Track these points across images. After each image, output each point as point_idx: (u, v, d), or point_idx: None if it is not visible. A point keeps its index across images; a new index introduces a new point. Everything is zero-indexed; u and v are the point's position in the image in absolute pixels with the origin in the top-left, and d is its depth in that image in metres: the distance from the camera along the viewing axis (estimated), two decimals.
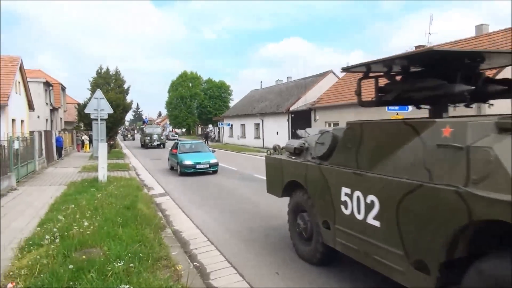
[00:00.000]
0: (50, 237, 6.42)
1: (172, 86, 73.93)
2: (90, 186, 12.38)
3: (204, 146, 20.00)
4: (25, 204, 10.64)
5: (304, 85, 36.61)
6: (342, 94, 26.39)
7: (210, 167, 17.33)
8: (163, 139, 41.22)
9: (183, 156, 17.76)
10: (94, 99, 14.77)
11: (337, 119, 25.93)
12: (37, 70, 39.75)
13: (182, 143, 19.59)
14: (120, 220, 7.60)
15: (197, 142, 21.44)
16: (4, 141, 14.38)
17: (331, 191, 5.15)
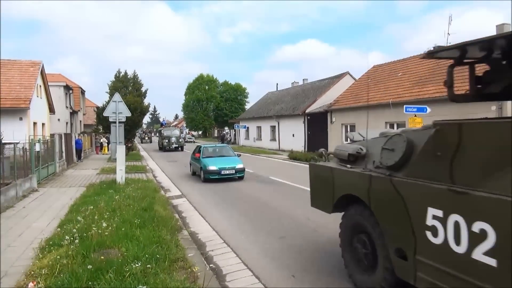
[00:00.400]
0: (69, 237, 6.53)
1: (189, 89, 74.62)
2: (109, 188, 12.56)
3: (229, 150, 18.40)
4: (45, 205, 10.87)
5: (320, 87, 36.41)
6: (359, 96, 26.17)
7: (236, 172, 16.02)
8: (181, 142, 39.83)
9: (207, 161, 16.40)
10: (112, 102, 15.00)
11: (354, 121, 25.74)
12: (57, 74, 40.59)
13: (205, 147, 18.22)
14: (137, 222, 7.69)
15: (221, 145, 19.82)
16: (26, 144, 14.71)
17: (410, 211, 4.04)
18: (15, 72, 23.99)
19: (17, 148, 13.17)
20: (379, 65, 29.21)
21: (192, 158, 18.50)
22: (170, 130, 41.05)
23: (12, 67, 24.38)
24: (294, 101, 38.00)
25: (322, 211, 6.20)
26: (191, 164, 18.77)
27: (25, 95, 22.23)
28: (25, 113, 22.05)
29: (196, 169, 17.60)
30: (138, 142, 61.56)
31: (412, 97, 20.54)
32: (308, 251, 6.90)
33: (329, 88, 33.83)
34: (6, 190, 10.95)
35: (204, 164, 16.16)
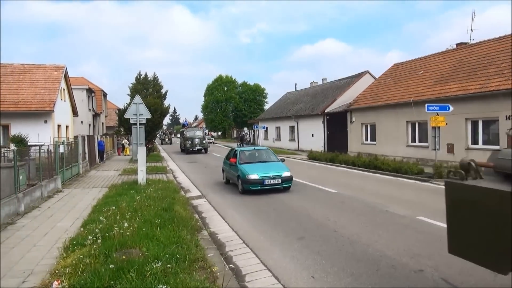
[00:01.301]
0: (92, 237, 6.67)
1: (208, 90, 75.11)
2: (130, 189, 12.76)
3: (271, 154, 15.32)
4: (69, 206, 11.13)
5: (339, 86, 36.09)
6: (379, 95, 25.83)
7: (282, 182, 13.17)
8: (205, 143, 37.09)
9: (246, 168, 13.59)
10: (133, 104, 15.24)
11: (374, 121, 25.41)
12: (80, 77, 41.56)
13: (242, 150, 15.35)
14: (158, 222, 7.78)
15: (261, 148, 16.32)
16: (50, 146, 15.09)
17: None
18: (39, 76, 24.62)
19: (42, 150, 13.53)
20: (399, 63, 28.76)
21: (226, 163, 15.85)
22: (193, 131, 38.58)
23: (36, 71, 25.04)
24: (313, 101, 37.78)
25: (477, 264, 4.00)
26: (224, 171, 16.22)
27: (49, 99, 22.81)
28: (50, 116, 22.62)
29: (231, 177, 15.10)
30: (158, 143, 62.22)
31: (434, 95, 20.15)
32: (328, 252, 6.85)
33: (348, 87, 33.49)
34: (32, 191, 11.26)
35: (243, 172, 13.40)
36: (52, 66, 25.94)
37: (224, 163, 16.34)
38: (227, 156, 16.16)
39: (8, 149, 13.88)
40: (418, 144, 21.75)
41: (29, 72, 24.86)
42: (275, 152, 36.90)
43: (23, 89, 23.29)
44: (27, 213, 10.10)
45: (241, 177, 13.37)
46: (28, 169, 12.25)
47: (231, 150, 16.35)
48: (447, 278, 5.54)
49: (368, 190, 13.36)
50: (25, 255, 6.69)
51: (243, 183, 13.25)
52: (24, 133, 18.27)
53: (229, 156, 15.89)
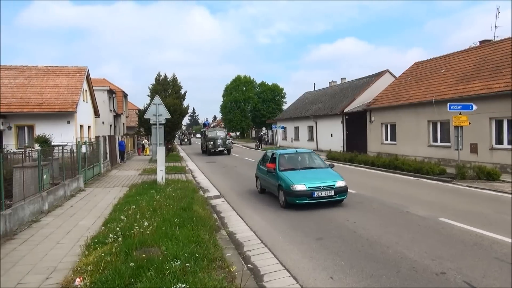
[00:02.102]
0: (113, 236, 6.78)
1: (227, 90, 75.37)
2: (150, 188, 12.93)
3: (317, 158, 12.69)
4: (91, 204, 11.35)
5: (359, 85, 35.71)
6: (400, 94, 25.43)
7: (335, 194, 10.54)
8: (228, 144, 34.89)
9: (289, 176, 10.97)
10: (153, 105, 15.44)
11: (394, 120, 25.04)
12: (101, 79, 42.29)
13: (282, 154, 12.61)
14: (177, 221, 7.86)
15: (304, 151, 13.51)
16: (73, 146, 15.43)
17: None
18: (62, 78, 25.20)
19: (65, 150, 13.84)
20: (420, 62, 28.26)
21: (261, 170, 13.39)
22: (215, 131, 36.57)
23: (60, 73, 25.63)
24: (332, 101, 37.49)
25: None
26: (259, 178, 13.76)
27: (72, 100, 23.31)
28: (72, 117, 23.12)
29: (268, 186, 12.58)
30: (177, 143, 62.71)
31: (457, 94, 19.72)
32: (347, 253, 6.78)
33: (368, 87, 33.10)
34: (55, 190, 11.53)
35: (286, 181, 10.77)
36: (75, 68, 26.51)
37: (259, 169, 13.87)
38: (262, 161, 13.77)
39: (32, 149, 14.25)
40: (439, 144, 21.33)
41: (53, 74, 25.48)
42: None
43: (47, 90, 23.89)
44: (50, 211, 10.34)
45: (284, 188, 10.74)
46: (52, 169, 12.55)
47: (266, 154, 13.90)
48: (471, 281, 5.41)
49: (388, 191, 13.18)
50: (48, 252, 6.86)
51: (286, 196, 10.66)
52: (48, 133, 18.72)
53: (264, 160, 13.48)
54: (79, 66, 26.87)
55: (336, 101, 36.43)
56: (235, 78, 74.71)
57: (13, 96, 22.99)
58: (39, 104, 22.64)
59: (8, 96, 22.88)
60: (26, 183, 9.57)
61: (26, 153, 12.25)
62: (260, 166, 13.83)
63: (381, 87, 30.44)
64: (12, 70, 25.24)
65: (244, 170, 21.41)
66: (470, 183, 14.10)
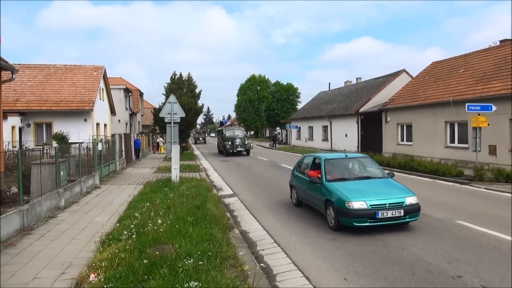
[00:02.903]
0: (127, 232, 6.84)
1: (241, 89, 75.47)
2: (164, 186, 13.02)
3: (371, 164, 9.98)
4: (106, 201, 11.49)
5: (375, 85, 35.35)
6: (416, 94, 25.07)
7: (405, 214, 8.01)
8: (247, 145, 32.77)
9: (343, 189, 8.42)
10: (168, 104, 15.55)
11: (411, 121, 24.70)
12: (118, 77, 42.82)
13: (327, 158, 9.80)
14: (190, 219, 7.90)
15: (354, 155, 10.86)
16: (89, 144, 15.65)
17: None
18: (80, 76, 25.62)
19: (82, 147, 14.04)
20: (438, 62, 27.81)
21: (298, 178, 10.82)
22: (233, 130, 34.63)
23: (77, 72, 26.06)
24: (347, 101, 37.21)
25: None
26: (295, 188, 11.06)
27: (89, 98, 23.67)
28: (89, 115, 23.47)
29: (309, 200, 9.95)
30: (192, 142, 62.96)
31: (475, 94, 19.34)
32: (361, 254, 6.71)
33: (384, 87, 32.73)
34: (72, 187, 11.70)
35: (339, 195, 8.22)
36: (92, 67, 26.91)
37: (295, 177, 11.17)
38: (299, 167, 11.20)
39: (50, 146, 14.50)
40: (457, 145, 20.96)
41: (71, 72, 25.92)
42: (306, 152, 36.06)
43: (65, 89, 24.32)
44: (67, 208, 10.50)
45: (335, 205, 8.13)
46: (69, 166, 12.75)
47: (304, 158, 11.31)
48: (488, 285, 5.29)
49: None
50: (64, 247, 6.96)
51: (338, 214, 8.06)
52: (65, 131, 19.04)
53: (302, 166, 11.00)
54: (96, 65, 27.27)
55: (351, 101, 36.15)
56: (249, 78, 74.78)
57: (32, 94, 23.48)
58: (57, 102, 23.06)
59: (28, 94, 23.38)
60: (43, 180, 9.73)
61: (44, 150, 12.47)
62: (296, 173, 11.21)
63: (397, 87, 30.07)
64: (31, 68, 25.77)
65: (258, 169, 21.41)
66: (488, 186, 13.82)
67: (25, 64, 25.87)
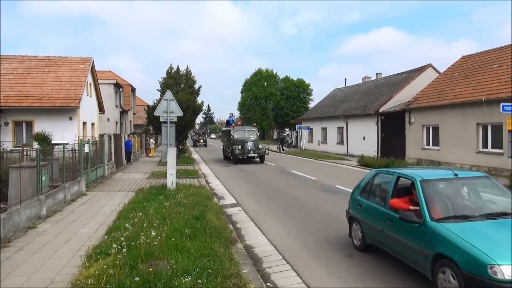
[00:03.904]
0: (117, 246, 6.83)
1: (246, 85, 75.54)
2: (158, 194, 13.02)
3: (498, 188, 6.96)
4: (93, 210, 11.50)
5: (396, 82, 35.25)
6: (444, 92, 24.96)
7: None
8: (262, 150, 29.61)
9: (475, 238, 5.31)
10: (163, 101, 15.57)
11: (437, 122, 24.58)
12: (107, 71, 43.06)
13: (426, 179, 6.71)
14: (188, 232, 7.89)
15: (469, 175, 7.51)
16: (75, 145, 15.66)
17: None
18: (65, 69, 25.73)
19: (67, 149, 14.08)
20: (469, 56, 27.69)
21: (368, 207, 7.75)
22: (244, 131, 31.57)
23: (62, 64, 26.19)
24: (365, 99, 37.13)
25: None
26: (358, 222, 8.03)
27: (75, 94, 23.77)
28: (75, 113, 23.57)
29: (395, 246, 6.79)
30: (190, 144, 62.81)
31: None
32: (379, 272, 6.65)
33: (407, 83, 32.62)
34: (54, 193, 11.73)
35: (469, 250, 5.18)
36: (79, 59, 27.03)
37: (359, 204, 8.00)
38: (365, 188, 8.04)
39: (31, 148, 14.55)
40: (490, 150, 20.82)
41: (55, 65, 26.05)
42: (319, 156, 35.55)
43: (48, 83, 24.41)
44: (49, 217, 10.52)
45: (464, 268, 5.13)
46: (51, 170, 12.78)
47: (376, 175, 8.03)
48: None
49: None
50: (46, 262, 6.96)
51: (471, 283, 5.02)
52: (48, 130, 19.11)
53: (373, 187, 7.92)
54: (84, 56, 27.40)
55: (370, 99, 36.07)
56: (255, 72, 74.87)
57: (11, 89, 23.56)
58: (39, 98, 23.16)
59: (6, 88, 23.45)
60: (23, 185, 9.75)
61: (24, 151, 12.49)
62: (360, 199, 7.98)
63: (422, 84, 29.96)
64: (11, 60, 25.92)
65: (264, 175, 21.38)
66: None
67: (4, 56, 26.00)
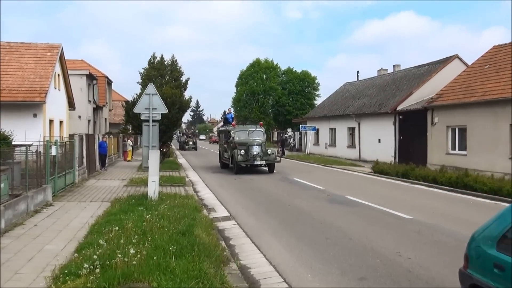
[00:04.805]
0: (89, 266, 6.79)
1: (241, 78, 75.56)
2: (138, 204, 12.99)
3: None
4: (61, 224, 11.44)
5: (417, 76, 35.35)
6: (472, 88, 25.05)
7: None
8: (272, 155, 26.74)
9: None
10: (145, 96, 15.53)
11: (465, 123, 24.65)
12: (79, 60, 42.91)
13: None
14: (173, 249, 7.87)
15: None
16: (40, 146, 15.59)
17: None
18: (29, 58, 25.60)
19: (30, 151, 14.00)
20: (502, 46, 27.80)
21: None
22: (247, 132, 28.22)
23: (25, 52, 26.03)
24: (381, 95, 37.25)
25: None
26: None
27: (40, 87, 23.67)
28: (40, 109, 23.49)
29: None
30: (176, 147, 62.55)
31: None
32: None
33: (430, 77, 32.76)
34: (15, 204, 11.67)
35: None
36: (45, 46, 26.91)
37: (496, 267, 5.13)
38: (505, 236, 5.27)
39: None
40: None
41: (17, 52, 25.91)
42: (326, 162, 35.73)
43: (9, 74, 24.25)
44: (8, 231, 10.45)
45: None
46: (12, 176, 12.71)
47: None
48: None
49: (455, 217, 12.99)
50: (4, 285, 6.91)
51: None
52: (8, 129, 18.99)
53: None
54: (51, 43, 27.29)
55: (386, 95, 36.18)
56: (253, 63, 74.84)
57: None
58: None
59: None
60: None
61: None
62: (501, 255, 5.15)
63: (447, 78, 30.07)
64: None
65: (262, 183, 21.36)
66: None
67: None
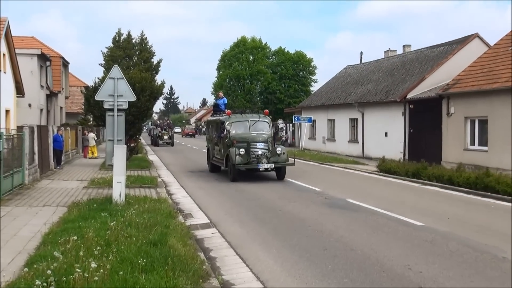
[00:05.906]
0: (42, 283, 6.75)
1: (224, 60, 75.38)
2: (101, 210, 12.95)
3: None
4: (8, 233, 11.35)
5: (431, 58, 35.53)
6: (495, 73, 25.21)
7: None
8: (283, 156, 23.24)
9: None
10: (109, 80, 15.44)
11: (485, 114, 24.79)
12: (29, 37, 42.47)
13: None
14: (142, 262, 7.86)
15: None
16: None
17: None
18: None
19: None
20: None
21: None
22: (247, 123, 24.79)
23: None
24: (388, 80, 37.38)
25: None
26: None
27: None
28: None
29: None
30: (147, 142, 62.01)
31: None
32: None
33: (445, 60, 32.92)
34: None
35: None
36: None
37: None
38: None
39: None
40: None
41: None
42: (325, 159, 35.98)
43: None
44: None
45: None
46: None
47: None
48: None
49: (474, 224, 13.10)
50: None
51: None
52: None
53: None
54: None
55: (395, 80, 36.32)
56: (237, 42, 74.67)
57: None
58: None
59: None
60: None
61: None
62: None
63: (466, 61, 30.22)
64: None
65: (247, 185, 21.34)
66: None
67: None
